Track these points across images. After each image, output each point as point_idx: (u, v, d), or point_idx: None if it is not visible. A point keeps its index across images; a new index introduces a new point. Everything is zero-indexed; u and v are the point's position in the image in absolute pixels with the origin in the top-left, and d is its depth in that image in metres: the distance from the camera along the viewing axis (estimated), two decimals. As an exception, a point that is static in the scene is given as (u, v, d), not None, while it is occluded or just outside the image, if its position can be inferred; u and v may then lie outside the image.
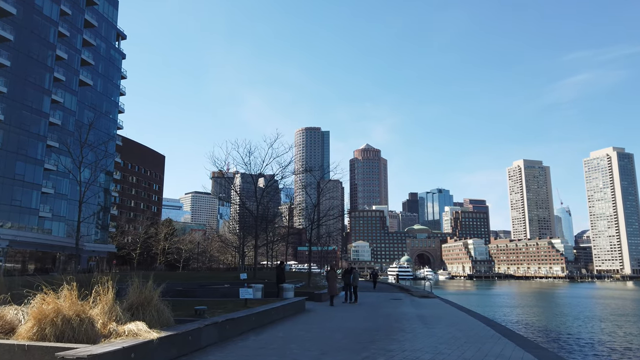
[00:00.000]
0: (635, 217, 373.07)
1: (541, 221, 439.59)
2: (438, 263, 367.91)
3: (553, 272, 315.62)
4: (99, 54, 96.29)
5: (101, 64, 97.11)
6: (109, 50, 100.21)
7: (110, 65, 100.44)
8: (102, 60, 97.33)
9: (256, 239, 35.38)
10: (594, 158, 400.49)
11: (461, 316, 19.24)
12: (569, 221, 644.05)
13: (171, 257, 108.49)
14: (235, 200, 54.38)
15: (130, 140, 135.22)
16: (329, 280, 25.00)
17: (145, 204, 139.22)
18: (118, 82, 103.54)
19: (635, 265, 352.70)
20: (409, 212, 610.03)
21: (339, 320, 17.42)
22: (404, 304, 26.10)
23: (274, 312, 16.03)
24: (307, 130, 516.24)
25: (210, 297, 23.26)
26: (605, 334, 41.74)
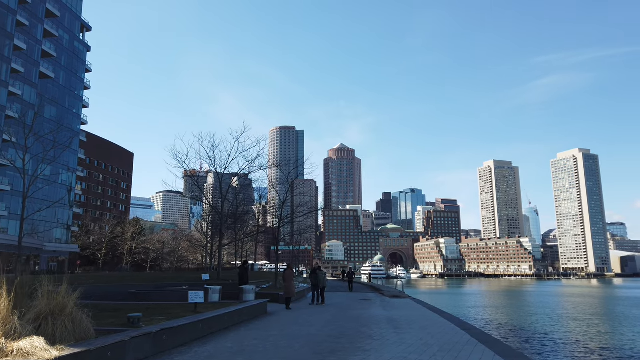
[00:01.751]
0: (599, 216, 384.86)
1: (510, 220, 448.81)
2: (411, 262, 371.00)
3: (521, 271, 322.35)
4: (62, 46, 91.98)
5: (64, 56, 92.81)
6: (72, 42, 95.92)
7: (74, 58, 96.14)
8: (65, 52, 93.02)
9: (220, 238, 33.50)
10: (561, 159, 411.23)
11: (433, 318, 17.98)
12: (537, 220, 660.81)
13: (138, 257, 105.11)
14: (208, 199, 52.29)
15: (96, 137, 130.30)
16: (286, 281, 22.73)
17: (112, 203, 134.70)
18: (82, 76, 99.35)
19: (599, 264, 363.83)
20: (382, 211, 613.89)
21: (302, 325, 15.87)
22: (374, 305, 24.76)
23: (228, 318, 14.36)
24: (281, 129, 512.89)
25: (167, 300, 21.36)
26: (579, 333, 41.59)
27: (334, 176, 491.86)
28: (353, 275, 45.98)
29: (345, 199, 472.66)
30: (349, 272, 46.67)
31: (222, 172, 33.11)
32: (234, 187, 63.09)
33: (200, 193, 34.02)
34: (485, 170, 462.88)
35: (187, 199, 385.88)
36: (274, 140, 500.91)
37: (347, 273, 48.06)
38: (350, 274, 45.68)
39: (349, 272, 46.44)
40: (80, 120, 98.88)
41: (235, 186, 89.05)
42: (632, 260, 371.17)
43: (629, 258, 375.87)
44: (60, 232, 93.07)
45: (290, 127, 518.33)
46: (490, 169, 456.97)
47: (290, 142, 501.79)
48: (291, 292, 21.91)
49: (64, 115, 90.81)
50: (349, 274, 46.00)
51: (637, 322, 49.98)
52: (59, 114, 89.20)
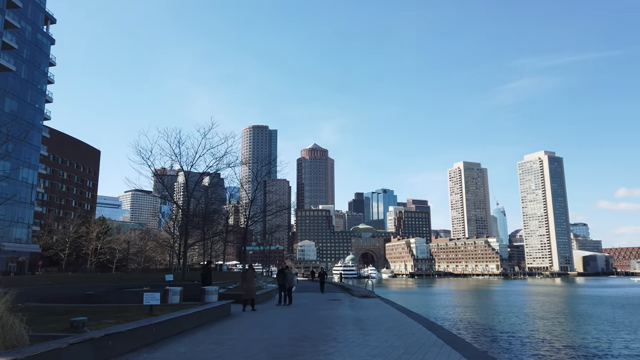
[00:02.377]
0: (563, 217, 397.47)
1: (479, 221, 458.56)
2: (382, 262, 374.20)
3: (489, 270, 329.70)
4: (24, 38, 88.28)
5: (26, 49, 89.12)
6: (35, 34, 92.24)
7: (37, 51, 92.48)
8: (27, 45, 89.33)
9: (186, 237, 32.46)
10: (528, 161, 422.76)
11: (401, 319, 17.66)
12: (504, 221, 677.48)
13: (103, 257, 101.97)
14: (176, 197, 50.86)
15: (61, 133, 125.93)
16: (246, 282, 21.68)
17: (77, 202, 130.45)
18: (46, 69, 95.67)
19: (562, 263, 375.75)
20: (354, 211, 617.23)
21: (264, 327, 15.25)
22: (342, 306, 24.34)
23: (185, 321, 13.60)
24: (254, 128, 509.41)
25: (125, 302, 20.34)
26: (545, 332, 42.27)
27: (306, 176, 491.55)
28: (325, 275, 43.49)
29: (318, 199, 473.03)
30: (320, 272, 44.05)
31: (188, 170, 32.08)
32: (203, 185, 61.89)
33: (166, 191, 32.78)
34: (455, 171, 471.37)
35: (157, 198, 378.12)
36: (246, 139, 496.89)
37: (318, 273, 45.54)
38: (322, 274, 43.04)
39: (320, 273, 43.77)
40: (43, 116, 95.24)
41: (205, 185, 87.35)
42: (594, 260, 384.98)
43: (591, 258, 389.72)
44: (21, 232, 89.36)
45: (263, 127, 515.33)
46: (460, 170, 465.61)
47: (263, 141, 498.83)
48: (251, 293, 21.11)
49: (25, 110, 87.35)
50: (320, 274, 43.30)
51: (600, 320, 51.33)
52: (20, 108, 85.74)
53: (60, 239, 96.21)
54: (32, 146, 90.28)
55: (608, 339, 37.11)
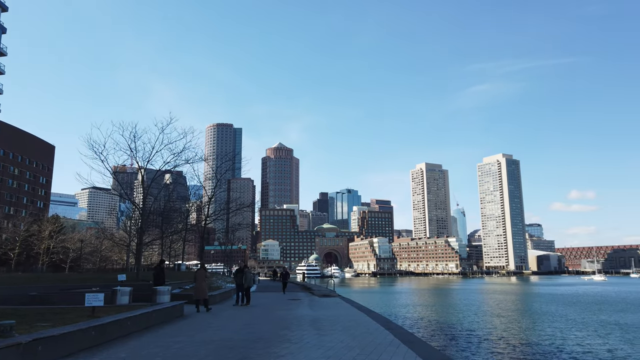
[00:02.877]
0: (519, 218, 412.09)
1: (439, 221, 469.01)
2: (345, 261, 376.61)
3: (449, 269, 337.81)
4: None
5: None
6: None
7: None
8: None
9: (140, 235, 31.18)
10: (486, 163, 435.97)
11: (359, 318, 17.41)
12: (464, 221, 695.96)
13: (56, 257, 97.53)
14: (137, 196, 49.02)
15: (11, 127, 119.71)
16: (197, 281, 20.76)
17: (29, 199, 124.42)
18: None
19: (518, 262, 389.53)
20: (319, 211, 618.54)
21: (216, 329, 14.58)
22: (301, 305, 23.91)
23: (131, 323, 12.79)
24: (218, 126, 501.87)
25: (70, 303, 19.15)
26: (502, 329, 43.21)
27: (271, 175, 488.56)
28: (288, 275, 40.63)
29: (283, 198, 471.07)
30: (283, 272, 41.16)
31: (144, 166, 30.82)
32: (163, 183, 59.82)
33: (122, 189, 31.34)
34: (418, 172, 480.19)
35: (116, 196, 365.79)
36: (210, 137, 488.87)
37: (280, 273, 42.78)
38: (285, 274, 40.22)
39: (283, 272, 41.01)
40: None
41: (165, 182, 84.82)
42: (547, 259, 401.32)
43: (545, 257, 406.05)
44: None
45: (227, 125, 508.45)
46: (422, 171, 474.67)
47: (227, 139, 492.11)
48: (202, 294, 20.28)
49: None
50: (283, 274, 40.52)
51: (554, 318, 53.11)
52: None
53: (10, 238, 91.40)
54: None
55: (562, 335, 38.34)
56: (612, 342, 35.16)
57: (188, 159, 32.51)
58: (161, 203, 59.42)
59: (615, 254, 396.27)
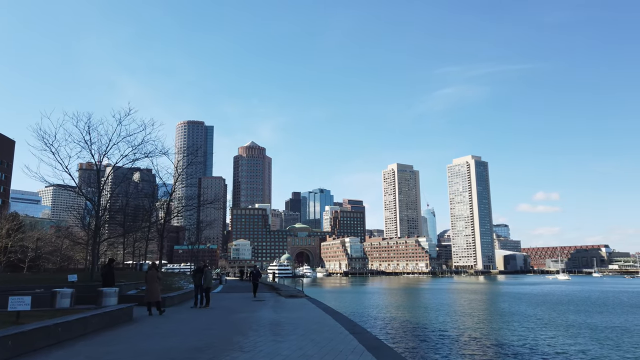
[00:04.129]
0: (487, 218, 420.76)
1: (410, 221, 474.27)
2: (317, 261, 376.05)
3: (419, 268, 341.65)
4: None
5: None
6: None
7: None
8: None
9: (96, 233, 29.27)
10: (456, 165, 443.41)
11: (324, 321, 16.30)
12: (434, 221, 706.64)
13: (14, 256, 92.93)
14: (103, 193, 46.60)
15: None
16: (148, 283, 19.05)
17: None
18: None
19: (486, 262, 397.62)
20: (291, 210, 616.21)
21: (164, 335, 13.18)
22: (265, 307, 22.63)
23: (63, 330, 11.29)
24: (189, 123, 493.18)
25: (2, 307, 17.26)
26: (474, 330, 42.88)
27: (243, 174, 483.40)
28: (259, 275, 35.20)
29: (255, 197, 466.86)
30: (253, 271, 35.31)
31: (100, 159, 28.94)
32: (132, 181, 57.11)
33: (74, 182, 29.38)
34: (389, 173, 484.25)
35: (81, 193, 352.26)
36: (181, 134, 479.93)
37: (251, 272, 36.95)
38: (256, 274, 34.55)
39: (253, 272, 35.10)
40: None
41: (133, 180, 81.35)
42: (513, 259, 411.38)
43: (511, 257, 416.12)
44: None
45: (199, 122, 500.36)
46: (393, 172, 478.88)
47: (198, 137, 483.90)
48: (154, 296, 18.72)
49: None
50: (253, 274, 34.80)
51: (524, 318, 53.28)
52: None
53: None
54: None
55: (533, 336, 38.15)
56: (583, 342, 35.23)
57: (147, 153, 30.78)
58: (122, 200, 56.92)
59: (578, 254, 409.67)
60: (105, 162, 30.13)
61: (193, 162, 35.35)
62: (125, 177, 44.26)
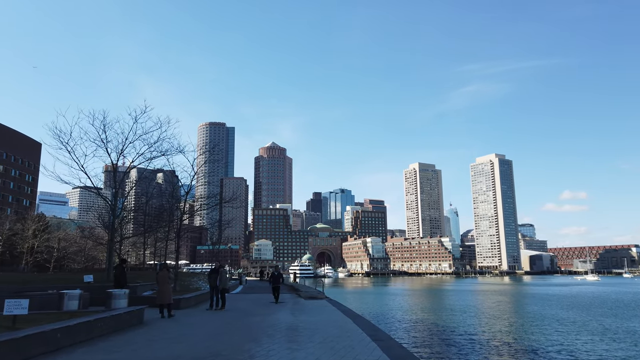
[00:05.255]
0: (512, 218, 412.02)
1: (433, 221, 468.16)
2: (339, 261, 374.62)
3: (442, 269, 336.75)
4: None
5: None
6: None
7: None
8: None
9: (111, 233, 28.91)
10: (479, 163, 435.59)
11: (344, 326, 15.21)
12: (457, 221, 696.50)
13: (40, 256, 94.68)
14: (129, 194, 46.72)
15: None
16: (159, 284, 18.43)
17: (14, 197, 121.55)
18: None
19: (511, 262, 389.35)
20: (312, 211, 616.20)
21: (171, 340, 12.27)
22: (282, 309, 21.67)
23: (62, 335, 10.48)
24: (211, 125, 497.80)
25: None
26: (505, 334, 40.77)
27: (264, 175, 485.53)
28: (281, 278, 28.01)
29: (276, 197, 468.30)
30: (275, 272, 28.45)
31: (117, 158, 28.59)
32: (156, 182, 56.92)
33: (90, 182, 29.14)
34: (411, 172, 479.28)
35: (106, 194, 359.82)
36: (203, 136, 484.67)
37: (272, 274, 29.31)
38: (277, 276, 27.80)
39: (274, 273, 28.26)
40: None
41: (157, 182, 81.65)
42: (540, 259, 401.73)
43: (537, 257, 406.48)
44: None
45: (220, 124, 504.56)
46: (415, 171, 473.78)
47: (220, 138, 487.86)
48: (166, 297, 17.97)
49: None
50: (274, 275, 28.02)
51: (556, 321, 50.66)
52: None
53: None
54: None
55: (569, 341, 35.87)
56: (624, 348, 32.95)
57: (164, 151, 30.29)
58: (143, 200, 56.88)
59: (607, 254, 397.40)
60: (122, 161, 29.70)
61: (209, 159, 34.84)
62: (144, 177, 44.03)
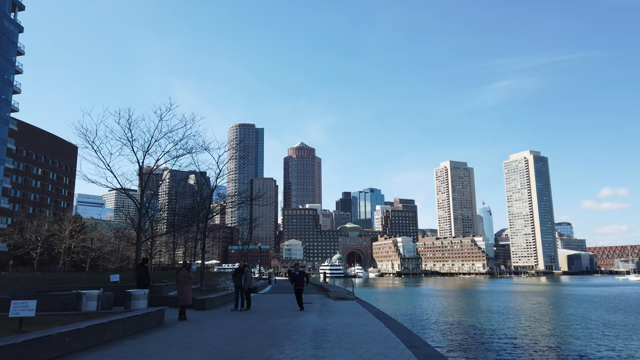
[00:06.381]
0: (548, 216, 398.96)
1: (465, 220, 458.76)
2: (369, 261, 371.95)
3: (475, 269, 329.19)
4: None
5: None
6: (1, 21, 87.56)
7: (4, 39, 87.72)
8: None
9: (139, 231, 28.74)
10: (513, 161, 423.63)
11: (375, 330, 14.09)
12: (490, 220, 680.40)
13: (77, 257, 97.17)
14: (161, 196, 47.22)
15: (35, 128, 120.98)
16: (179, 284, 17.60)
17: (52, 199, 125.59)
18: (13, 59, 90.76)
19: (547, 262, 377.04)
20: (342, 210, 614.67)
21: (187, 346, 11.37)
22: (309, 310, 20.69)
23: (72, 339, 9.79)
24: (240, 126, 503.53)
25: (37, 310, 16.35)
26: (550, 337, 38.33)
27: (293, 175, 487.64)
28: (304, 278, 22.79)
29: (305, 197, 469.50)
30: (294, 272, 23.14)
31: (143, 156, 28.44)
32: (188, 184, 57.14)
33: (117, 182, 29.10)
34: (442, 170, 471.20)
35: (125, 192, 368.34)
36: (233, 137, 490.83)
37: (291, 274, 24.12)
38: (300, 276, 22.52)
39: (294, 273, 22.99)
40: (10, 107, 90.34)
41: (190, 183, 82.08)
42: (578, 259, 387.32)
43: (575, 256, 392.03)
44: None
45: (249, 125, 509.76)
46: (446, 169, 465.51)
47: (250, 140, 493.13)
48: (184, 299, 17.20)
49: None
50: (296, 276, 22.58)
51: (603, 324, 47.64)
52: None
53: (33, 238, 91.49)
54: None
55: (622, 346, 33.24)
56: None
57: (189, 149, 29.93)
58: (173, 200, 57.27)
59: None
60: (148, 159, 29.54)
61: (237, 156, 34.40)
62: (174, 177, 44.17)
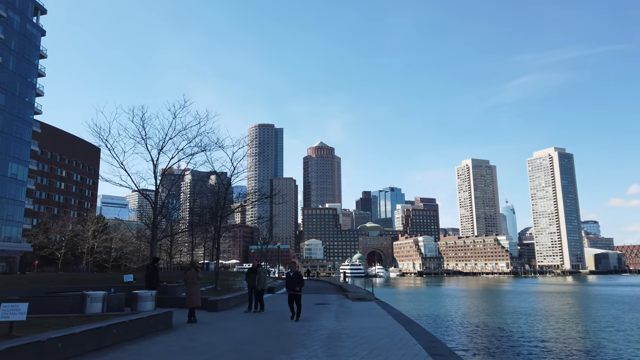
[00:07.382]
0: (574, 214, 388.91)
1: (488, 219, 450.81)
2: (389, 260, 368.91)
3: (499, 268, 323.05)
4: (12, 28, 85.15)
5: (15, 40, 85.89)
6: (24, 25, 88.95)
7: (26, 42, 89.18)
8: (15, 36, 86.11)
9: (154, 232, 28.27)
10: (537, 158, 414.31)
11: (395, 334, 13.06)
12: (513, 219, 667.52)
13: (99, 256, 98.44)
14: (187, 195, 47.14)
15: (58, 130, 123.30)
16: (187, 285, 16.69)
17: (76, 200, 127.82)
18: (36, 62, 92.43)
19: (574, 261, 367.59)
20: (362, 210, 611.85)
21: (191, 352, 10.47)
22: (325, 312, 19.71)
23: (64, 345, 9.01)
24: (260, 127, 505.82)
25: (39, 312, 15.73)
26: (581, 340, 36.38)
27: (313, 174, 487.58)
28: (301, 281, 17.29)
29: (325, 197, 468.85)
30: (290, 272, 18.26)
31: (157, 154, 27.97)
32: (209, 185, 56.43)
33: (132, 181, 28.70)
34: (464, 169, 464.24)
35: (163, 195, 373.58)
36: (253, 138, 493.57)
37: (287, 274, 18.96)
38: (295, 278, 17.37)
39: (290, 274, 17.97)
40: (34, 110, 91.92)
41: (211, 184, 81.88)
42: (606, 258, 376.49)
43: (603, 255, 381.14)
44: (10, 230, 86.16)
45: (269, 125, 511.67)
46: (468, 167, 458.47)
47: (269, 140, 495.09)
48: (192, 300, 16.30)
49: (14, 103, 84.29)
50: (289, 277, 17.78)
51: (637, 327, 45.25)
52: (7, 101, 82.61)
53: (57, 238, 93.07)
54: (22, 141, 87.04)
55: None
56: None
57: (203, 146, 29.36)
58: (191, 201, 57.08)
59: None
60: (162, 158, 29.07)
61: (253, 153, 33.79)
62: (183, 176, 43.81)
